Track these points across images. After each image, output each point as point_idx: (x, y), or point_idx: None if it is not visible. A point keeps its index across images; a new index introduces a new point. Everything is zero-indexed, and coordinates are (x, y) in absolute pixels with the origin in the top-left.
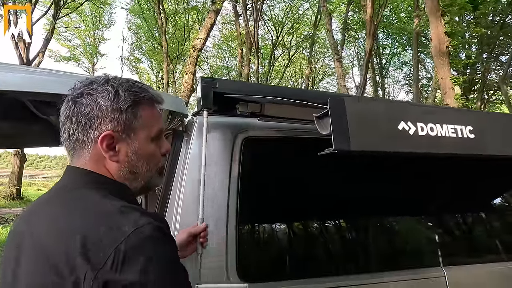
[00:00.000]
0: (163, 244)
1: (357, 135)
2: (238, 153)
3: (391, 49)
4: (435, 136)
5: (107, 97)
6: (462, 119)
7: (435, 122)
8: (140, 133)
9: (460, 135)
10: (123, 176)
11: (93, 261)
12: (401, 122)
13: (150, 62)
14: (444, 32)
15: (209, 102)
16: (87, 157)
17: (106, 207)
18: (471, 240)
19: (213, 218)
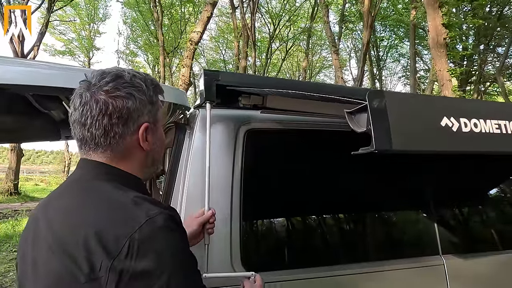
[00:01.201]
0: (175, 233)
1: (399, 134)
2: (241, 145)
3: (388, 41)
4: (479, 132)
5: (141, 91)
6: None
7: (479, 117)
8: (159, 122)
9: (504, 131)
10: (146, 164)
11: (108, 250)
12: (444, 118)
13: (146, 55)
14: (441, 23)
15: (212, 94)
16: (120, 150)
17: (120, 198)
18: (470, 230)
19: (217, 210)
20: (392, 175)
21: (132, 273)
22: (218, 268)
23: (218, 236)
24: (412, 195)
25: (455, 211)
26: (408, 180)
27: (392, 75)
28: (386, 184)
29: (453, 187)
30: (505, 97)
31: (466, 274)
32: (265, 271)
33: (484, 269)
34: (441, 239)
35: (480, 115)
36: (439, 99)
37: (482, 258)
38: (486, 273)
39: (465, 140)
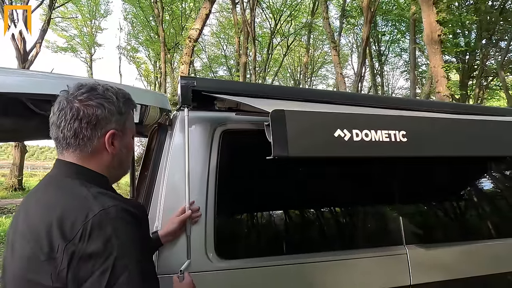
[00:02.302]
0: (126, 223)
1: (295, 143)
2: (217, 144)
3: (390, 36)
4: (369, 141)
5: (111, 102)
6: (396, 124)
7: (370, 128)
8: (128, 130)
9: (393, 139)
10: (112, 166)
11: (65, 235)
12: (337, 130)
13: (148, 51)
14: (436, 20)
15: (188, 99)
16: (84, 149)
17: (82, 192)
18: (432, 222)
19: (196, 199)
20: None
21: (82, 255)
22: (195, 255)
23: (194, 227)
24: (380, 193)
25: (418, 205)
26: (376, 179)
27: (394, 70)
28: (355, 182)
29: (417, 185)
30: (506, 91)
31: (426, 262)
32: (236, 259)
33: (444, 258)
34: (405, 230)
35: (372, 126)
36: (336, 114)
37: (442, 248)
38: (445, 262)
39: (356, 147)
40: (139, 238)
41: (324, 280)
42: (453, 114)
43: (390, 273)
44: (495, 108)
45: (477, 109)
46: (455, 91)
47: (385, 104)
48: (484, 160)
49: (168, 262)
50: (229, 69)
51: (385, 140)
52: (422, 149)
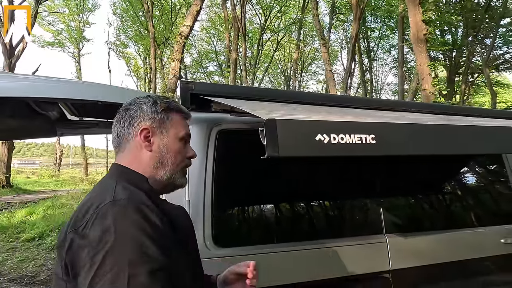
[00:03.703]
0: (129, 220)
1: (285, 145)
2: (213, 143)
3: (379, 32)
4: (344, 143)
5: (148, 104)
6: (366, 129)
7: (345, 133)
8: (170, 131)
9: (364, 142)
10: (153, 164)
11: (75, 224)
12: (318, 135)
13: (137, 47)
14: (421, 20)
15: (187, 101)
16: (127, 149)
17: (108, 185)
18: (410, 213)
19: (192, 199)
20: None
21: (79, 243)
22: None
23: (194, 219)
24: (363, 187)
25: (397, 198)
26: (359, 175)
27: (383, 66)
28: (340, 178)
29: (397, 180)
30: (491, 87)
31: (404, 249)
32: (231, 247)
33: (420, 245)
34: (385, 221)
35: (346, 131)
36: (317, 122)
37: (418, 236)
38: (421, 249)
39: (333, 148)
40: (140, 239)
41: (311, 266)
42: (425, 114)
43: (372, 259)
44: (465, 108)
45: (449, 108)
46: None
47: (367, 105)
48: (456, 157)
49: None
50: (219, 65)
51: (357, 142)
52: (388, 149)
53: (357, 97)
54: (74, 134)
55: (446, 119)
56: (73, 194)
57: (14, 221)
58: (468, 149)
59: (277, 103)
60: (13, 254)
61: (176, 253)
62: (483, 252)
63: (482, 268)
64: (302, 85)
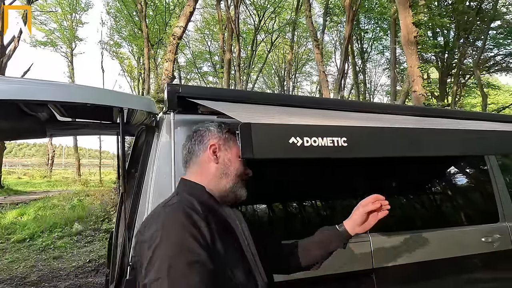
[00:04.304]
0: (176, 222)
1: (259, 147)
2: None
3: (373, 34)
4: (317, 146)
5: (214, 126)
6: (338, 133)
7: (317, 136)
8: (233, 149)
9: (336, 144)
10: (218, 175)
11: (142, 225)
12: (291, 138)
13: (131, 47)
14: (412, 22)
15: (174, 104)
16: (196, 163)
17: (170, 196)
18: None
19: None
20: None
21: (142, 239)
22: None
23: None
24: (348, 188)
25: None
26: (344, 177)
27: (377, 67)
28: (327, 180)
29: (380, 180)
30: (481, 89)
31: (387, 248)
32: None
33: (402, 245)
34: None
35: (319, 135)
36: (291, 126)
37: (400, 236)
38: (403, 248)
39: (306, 151)
40: (182, 236)
41: None
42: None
43: (355, 258)
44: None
45: (427, 111)
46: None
47: (351, 108)
48: (438, 158)
49: None
50: (213, 65)
51: (329, 145)
52: (360, 152)
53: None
54: (64, 135)
55: (420, 121)
56: (65, 194)
57: (4, 222)
58: (442, 151)
59: (261, 105)
60: (3, 255)
61: (224, 252)
62: (465, 251)
63: (464, 266)
64: (296, 86)
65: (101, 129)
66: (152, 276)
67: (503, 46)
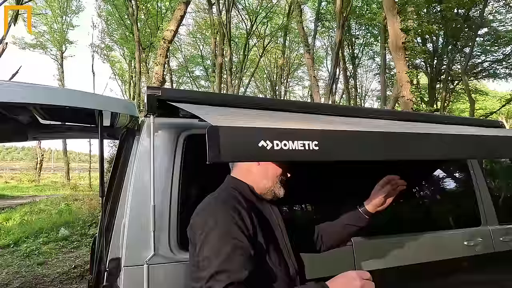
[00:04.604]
0: (218, 208)
1: (227, 151)
2: (181, 148)
3: (364, 39)
4: (287, 149)
5: None
6: (309, 136)
7: (288, 139)
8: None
9: (307, 148)
10: (259, 176)
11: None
12: (261, 141)
13: (122, 50)
14: (400, 28)
15: (154, 107)
16: (240, 163)
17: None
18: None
19: (158, 204)
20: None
21: (193, 223)
22: (160, 248)
23: (160, 225)
24: (331, 192)
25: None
26: (329, 180)
27: (368, 72)
28: (311, 183)
29: (364, 185)
30: (469, 95)
31: (369, 252)
32: None
33: (384, 249)
34: None
35: (290, 138)
36: (260, 129)
37: (383, 240)
38: (385, 252)
39: (276, 154)
40: (226, 221)
41: None
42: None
43: (338, 262)
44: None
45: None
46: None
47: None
48: (421, 161)
49: (135, 254)
50: (205, 69)
51: (300, 148)
52: (331, 155)
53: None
54: (48, 138)
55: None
56: (52, 199)
57: None
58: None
59: (243, 109)
60: None
61: (262, 240)
62: (449, 254)
63: (447, 270)
64: (288, 90)
65: (86, 133)
66: (201, 256)
67: (490, 52)
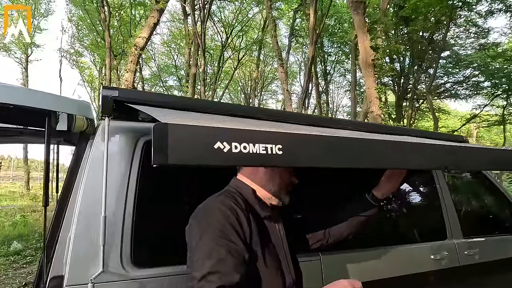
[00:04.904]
0: (215, 209)
1: (176, 153)
2: (139, 154)
3: (335, 57)
4: (247, 152)
5: None
6: (272, 139)
7: (248, 142)
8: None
9: (269, 152)
10: (264, 180)
11: (193, 216)
12: (217, 142)
13: (93, 56)
14: (370, 46)
15: (109, 109)
16: (247, 168)
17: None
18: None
19: (111, 214)
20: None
21: (191, 224)
22: (110, 264)
23: (111, 237)
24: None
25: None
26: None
27: (339, 89)
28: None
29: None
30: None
31: (337, 267)
32: (151, 267)
33: (353, 263)
34: None
35: (250, 140)
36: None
37: (351, 254)
38: (354, 266)
39: (235, 158)
40: (221, 221)
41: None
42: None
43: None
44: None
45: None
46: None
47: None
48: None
49: (80, 272)
50: (179, 79)
51: (262, 152)
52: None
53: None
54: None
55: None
56: (8, 210)
57: None
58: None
59: (204, 113)
60: None
61: (258, 245)
62: (416, 268)
63: (415, 284)
64: (261, 103)
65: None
66: (195, 257)
67: (452, 74)
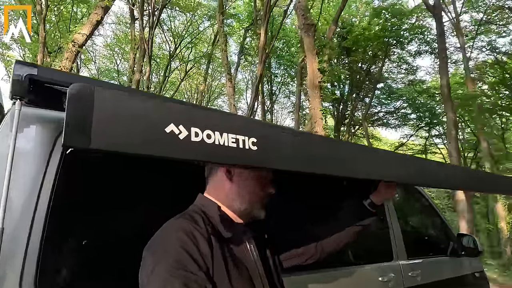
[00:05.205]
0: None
1: (104, 132)
2: (58, 154)
3: (282, 78)
4: (211, 143)
5: None
6: (246, 130)
7: (214, 129)
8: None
9: (240, 146)
10: (232, 195)
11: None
12: (170, 124)
13: (23, 51)
14: (317, 68)
15: (23, 90)
16: (213, 180)
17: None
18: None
19: (12, 226)
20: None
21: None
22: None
23: (10, 257)
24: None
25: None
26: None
27: (283, 109)
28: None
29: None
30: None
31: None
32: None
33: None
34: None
35: (216, 127)
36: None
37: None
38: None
39: (192, 149)
40: (181, 258)
41: None
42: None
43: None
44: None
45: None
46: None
47: None
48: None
49: None
50: (121, 85)
51: (231, 145)
52: (273, 161)
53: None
54: None
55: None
56: None
57: None
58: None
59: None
60: None
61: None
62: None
63: None
64: None
65: None
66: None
67: (384, 105)
